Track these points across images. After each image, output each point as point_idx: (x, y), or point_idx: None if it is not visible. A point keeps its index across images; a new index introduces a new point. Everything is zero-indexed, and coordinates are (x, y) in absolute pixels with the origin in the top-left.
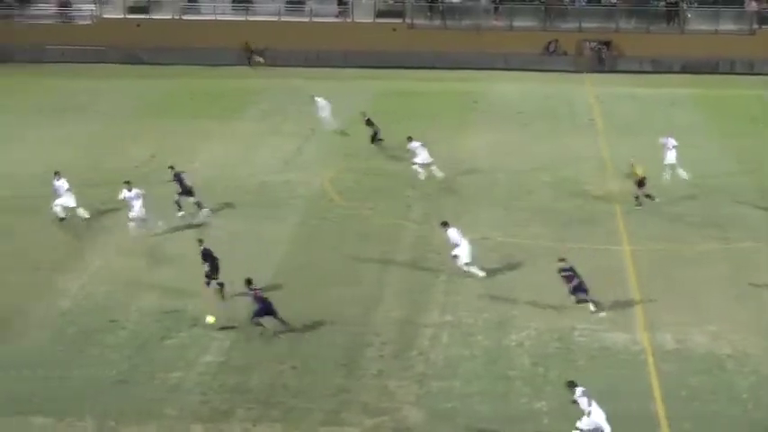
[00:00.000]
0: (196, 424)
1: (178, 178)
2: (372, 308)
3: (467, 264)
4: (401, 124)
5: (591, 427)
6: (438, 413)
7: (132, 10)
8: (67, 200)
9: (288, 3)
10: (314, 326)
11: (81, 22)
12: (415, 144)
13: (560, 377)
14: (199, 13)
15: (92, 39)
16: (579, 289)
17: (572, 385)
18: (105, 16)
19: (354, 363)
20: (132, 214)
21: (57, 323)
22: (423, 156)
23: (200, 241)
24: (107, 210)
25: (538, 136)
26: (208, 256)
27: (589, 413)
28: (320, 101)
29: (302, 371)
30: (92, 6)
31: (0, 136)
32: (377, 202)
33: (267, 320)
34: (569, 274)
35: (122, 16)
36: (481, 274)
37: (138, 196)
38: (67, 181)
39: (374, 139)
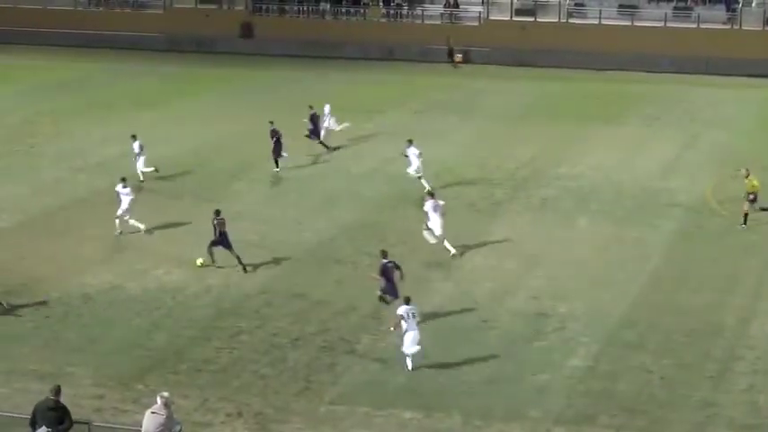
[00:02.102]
0: (559, 427)
1: (312, 118)
2: (747, 321)
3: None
4: None
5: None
6: None
7: (518, 12)
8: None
9: (675, 9)
10: (686, 335)
11: (468, 24)
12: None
13: None
14: (584, 17)
15: (477, 40)
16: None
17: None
18: (492, 18)
19: (724, 376)
20: (120, 211)
21: (429, 320)
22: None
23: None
24: (483, 209)
25: None
26: None
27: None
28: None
29: (670, 381)
30: (479, 8)
31: (392, 132)
32: (760, 214)
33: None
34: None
35: (508, 18)
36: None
37: (129, 194)
38: None
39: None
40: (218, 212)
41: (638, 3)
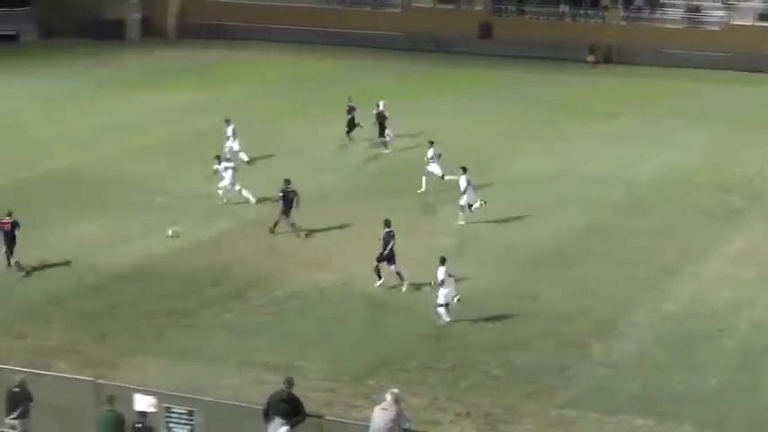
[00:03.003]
0: None
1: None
2: None
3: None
4: None
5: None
6: None
7: (762, 17)
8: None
9: None
10: None
11: (709, 28)
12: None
13: None
14: None
15: (718, 44)
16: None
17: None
18: (733, 23)
19: None
20: (223, 183)
21: (661, 326)
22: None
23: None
24: (719, 215)
25: None
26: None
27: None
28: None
29: None
30: (721, 13)
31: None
32: None
33: None
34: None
35: (751, 23)
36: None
37: (224, 169)
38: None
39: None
40: (287, 182)
41: None
